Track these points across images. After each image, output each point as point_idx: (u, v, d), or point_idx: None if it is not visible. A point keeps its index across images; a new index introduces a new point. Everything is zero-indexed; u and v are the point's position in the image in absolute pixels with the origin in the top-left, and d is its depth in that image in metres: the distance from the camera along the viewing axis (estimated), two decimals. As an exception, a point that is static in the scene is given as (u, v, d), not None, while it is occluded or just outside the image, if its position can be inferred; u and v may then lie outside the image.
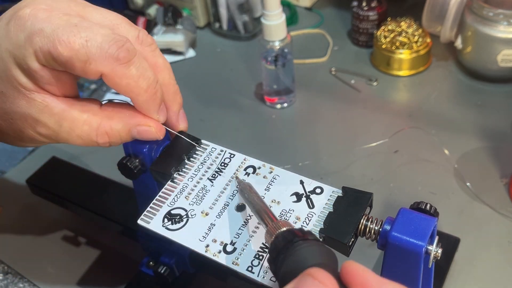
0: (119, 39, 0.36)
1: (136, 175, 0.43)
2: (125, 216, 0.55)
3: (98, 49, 0.35)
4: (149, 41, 0.39)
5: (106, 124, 0.39)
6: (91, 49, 0.35)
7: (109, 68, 0.35)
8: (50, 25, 0.35)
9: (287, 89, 0.73)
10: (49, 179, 0.62)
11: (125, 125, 0.39)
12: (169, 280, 0.50)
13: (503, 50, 0.69)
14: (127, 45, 0.36)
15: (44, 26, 0.35)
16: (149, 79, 0.37)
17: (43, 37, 0.35)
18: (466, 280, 0.53)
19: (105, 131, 0.39)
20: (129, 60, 0.36)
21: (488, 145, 0.65)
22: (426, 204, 0.37)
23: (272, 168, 0.41)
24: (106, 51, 0.35)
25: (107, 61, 0.35)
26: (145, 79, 0.37)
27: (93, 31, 0.35)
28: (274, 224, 0.32)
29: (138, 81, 0.37)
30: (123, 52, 0.35)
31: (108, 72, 0.35)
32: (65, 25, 0.35)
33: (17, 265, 0.59)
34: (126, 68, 0.36)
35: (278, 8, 0.66)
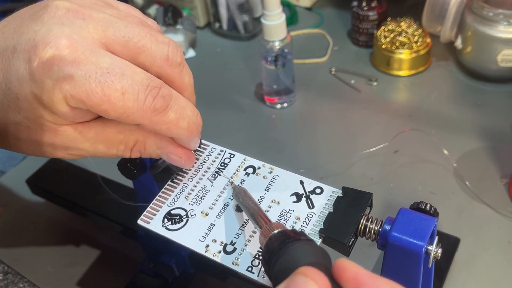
0: (154, 85, 0.33)
1: (136, 175, 0.43)
2: (125, 216, 0.55)
3: (135, 102, 0.32)
4: (178, 60, 0.36)
5: (141, 144, 0.38)
6: (127, 103, 0.32)
7: (147, 120, 0.34)
8: (80, 71, 0.32)
9: (287, 89, 0.74)
10: (49, 179, 0.62)
11: (157, 149, 0.38)
12: (169, 280, 0.50)
13: (503, 50, 0.69)
14: (163, 91, 0.34)
15: (73, 71, 0.32)
16: (189, 118, 0.36)
17: (75, 85, 0.32)
18: (466, 280, 0.53)
19: (138, 150, 0.38)
20: (167, 107, 0.34)
21: (488, 145, 0.65)
22: (426, 204, 0.37)
23: (272, 168, 0.41)
24: (143, 104, 0.33)
25: (145, 113, 0.33)
26: (185, 119, 0.35)
27: (127, 79, 0.32)
28: (268, 226, 0.32)
29: (178, 123, 0.35)
30: (159, 102, 0.33)
31: (146, 123, 0.34)
32: (97, 72, 0.32)
33: (17, 265, 0.59)
34: (164, 116, 0.34)
35: (278, 8, 0.66)
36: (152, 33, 0.35)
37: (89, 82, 0.32)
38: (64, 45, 0.32)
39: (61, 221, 0.64)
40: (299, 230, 0.31)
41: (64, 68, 0.32)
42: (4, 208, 0.66)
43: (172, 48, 0.36)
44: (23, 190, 0.64)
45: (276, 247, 0.30)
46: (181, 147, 0.39)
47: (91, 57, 0.32)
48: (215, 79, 0.82)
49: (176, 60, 0.36)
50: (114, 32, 0.34)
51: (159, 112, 0.34)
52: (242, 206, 0.37)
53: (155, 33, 0.35)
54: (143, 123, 0.34)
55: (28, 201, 0.65)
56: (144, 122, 0.34)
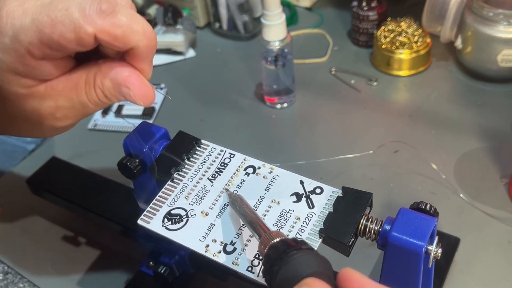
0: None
1: (136, 175, 0.43)
2: (125, 216, 0.55)
3: (80, 11, 0.34)
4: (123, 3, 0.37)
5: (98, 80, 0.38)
6: (73, 15, 0.34)
7: (98, 25, 0.34)
8: (27, 17, 0.34)
9: (287, 89, 0.74)
10: (49, 179, 0.62)
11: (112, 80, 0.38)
12: (169, 280, 0.50)
13: (503, 50, 0.69)
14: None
15: (23, 21, 0.34)
16: (142, 23, 0.36)
17: (27, 31, 0.34)
18: (466, 280, 0.53)
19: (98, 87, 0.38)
20: (114, 9, 0.35)
21: (488, 145, 0.65)
22: (426, 204, 0.37)
23: (272, 168, 0.41)
24: (88, 10, 0.34)
25: (92, 18, 0.34)
26: (138, 23, 0.36)
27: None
28: (267, 235, 0.32)
29: (132, 26, 0.35)
30: (104, 4, 0.34)
31: (99, 29, 0.34)
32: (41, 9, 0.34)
33: (17, 265, 0.59)
34: (114, 18, 0.35)
35: (278, 8, 0.66)
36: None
37: (37, 19, 0.34)
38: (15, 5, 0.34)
39: (61, 221, 0.64)
40: (299, 239, 0.31)
41: (16, 22, 0.34)
42: (4, 208, 0.66)
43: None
44: (23, 190, 0.64)
45: (277, 256, 0.29)
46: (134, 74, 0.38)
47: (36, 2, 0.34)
48: (215, 79, 0.82)
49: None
50: None
51: (107, 15, 0.34)
52: (239, 214, 0.37)
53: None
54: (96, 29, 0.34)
55: (28, 201, 0.65)
56: (95, 28, 0.34)
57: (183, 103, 0.78)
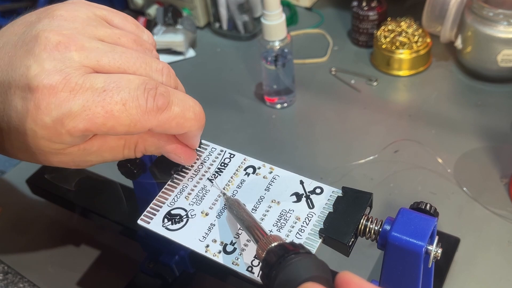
0: (151, 86, 0.33)
1: (136, 175, 0.43)
2: (125, 216, 0.55)
3: (138, 108, 0.32)
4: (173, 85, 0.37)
5: (141, 146, 0.38)
6: (131, 111, 0.32)
7: (155, 121, 0.33)
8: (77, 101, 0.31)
9: (287, 89, 0.74)
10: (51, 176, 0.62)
11: (157, 149, 0.38)
12: (169, 280, 0.50)
13: (503, 50, 0.69)
14: (160, 89, 0.34)
15: (71, 105, 0.31)
16: (193, 108, 0.36)
17: (75, 118, 0.32)
18: (466, 280, 0.53)
19: (140, 151, 0.38)
20: (169, 102, 0.34)
21: (488, 145, 0.65)
22: (426, 204, 0.37)
23: (272, 168, 0.41)
24: (146, 107, 0.33)
25: (150, 115, 0.33)
26: (190, 109, 0.35)
27: (124, 89, 0.32)
28: (265, 239, 0.32)
29: (185, 115, 0.35)
30: (160, 100, 0.33)
31: (154, 125, 0.34)
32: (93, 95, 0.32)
33: (17, 265, 0.59)
34: (170, 111, 0.34)
35: (278, 8, 0.66)
36: (147, 61, 0.35)
37: (89, 107, 0.32)
38: (57, 80, 0.31)
39: (61, 221, 0.64)
40: (297, 243, 0.31)
41: (61, 104, 0.31)
42: (4, 208, 0.66)
43: (166, 76, 0.36)
44: (23, 190, 0.64)
45: (276, 260, 0.29)
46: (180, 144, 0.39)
47: (85, 83, 0.32)
48: (215, 79, 0.82)
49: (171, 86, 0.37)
50: (108, 62, 0.33)
51: (163, 110, 0.33)
52: (236, 219, 0.37)
53: (150, 60, 0.35)
54: (152, 126, 0.33)
55: (28, 201, 0.65)
56: (152, 124, 0.33)
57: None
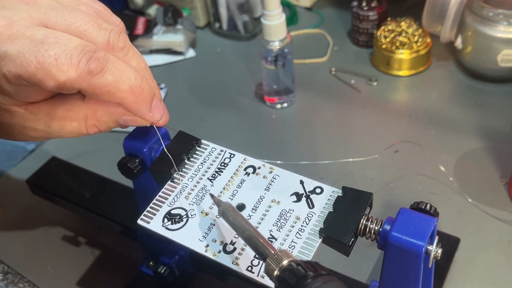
0: (89, 49, 0.33)
1: (136, 175, 0.43)
2: (125, 216, 0.55)
3: (69, 66, 0.33)
4: (120, 45, 0.37)
5: (92, 117, 0.38)
6: (61, 68, 0.33)
7: (84, 83, 0.33)
8: (14, 46, 0.33)
9: (287, 89, 0.74)
10: (49, 179, 0.62)
11: (110, 116, 0.38)
12: (169, 280, 0.50)
13: (503, 50, 0.69)
14: (97, 54, 0.34)
15: (8, 48, 0.33)
16: (130, 80, 0.35)
17: (9, 61, 0.33)
18: (466, 280, 0.53)
19: (92, 123, 0.38)
20: (103, 68, 0.34)
21: (488, 145, 0.65)
22: (426, 204, 0.37)
23: (272, 168, 0.41)
24: (77, 66, 0.33)
25: (80, 76, 0.33)
26: (125, 81, 0.35)
27: (61, 46, 0.33)
28: (276, 256, 0.30)
29: (118, 85, 0.35)
30: (94, 63, 0.33)
31: (84, 87, 0.34)
32: (31, 44, 0.33)
33: (17, 265, 0.59)
34: (101, 77, 0.34)
35: (278, 8, 0.66)
36: (96, 21, 0.36)
37: (23, 54, 0.32)
38: (2, 24, 0.33)
39: (61, 221, 0.64)
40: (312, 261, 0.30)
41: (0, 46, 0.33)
42: (4, 208, 0.66)
43: (114, 33, 0.36)
44: (23, 190, 0.64)
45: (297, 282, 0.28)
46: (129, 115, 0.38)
47: (26, 31, 0.33)
48: (215, 79, 0.82)
49: (117, 45, 0.36)
50: (56, 16, 0.34)
51: (95, 74, 0.33)
52: (232, 226, 0.34)
53: (100, 20, 0.36)
54: (81, 87, 0.34)
55: (28, 201, 0.65)
56: (81, 86, 0.34)
57: (183, 103, 0.78)
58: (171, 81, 0.82)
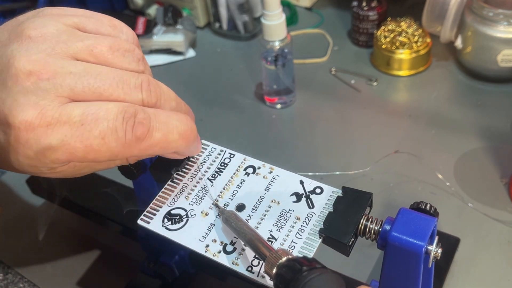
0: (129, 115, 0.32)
1: (136, 175, 0.43)
2: (125, 216, 0.55)
3: (117, 141, 0.31)
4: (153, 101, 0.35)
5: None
6: (110, 145, 0.31)
7: (136, 150, 0.32)
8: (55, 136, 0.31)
9: (287, 89, 0.74)
10: (49, 179, 0.62)
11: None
12: (169, 280, 0.50)
13: (503, 50, 0.69)
14: (139, 117, 0.32)
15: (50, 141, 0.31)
16: (177, 128, 0.34)
17: (56, 151, 0.31)
18: (466, 280, 0.53)
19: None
20: (148, 129, 0.33)
21: (488, 145, 0.65)
22: (426, 204, 0.37)
23: (272, 168, 0.41)
24: (125, 138, 0.32)
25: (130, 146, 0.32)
26: (173, 131, 0.34)
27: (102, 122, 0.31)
28: (274, 254, 0.31)
29: (168, 138, 0.34)
30: (139, 129, 0.32)
31: (136, 154, 0.33)
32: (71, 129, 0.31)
33: (17, 265, 0.59)
34: (150, 139, 0.33)
35: (278, 8, 0.66)
36: (124, 79, 0.34)
37: (68, 143, 0.31)
38: (33, 115, 0.31)
39: (61, 221, 0.64)
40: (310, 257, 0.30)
41: (40, 139, 0.31)
42: (4, 208, 0.66)
43: (146, 92, 0.34)
44: (23, 190, 0.64)
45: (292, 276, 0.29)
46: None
47: (62, 116, 0.31)
48: (215, 79, 0.82)
49: (151, 101, 0.35)
50: (83, 89, 0.32)
51: (143, 139, 0.32)
52: (235, 232, 0.36)
53: (127, 76, 0.34)
54: (134, 155, 0.33)
55: (28, 201, 0.65)
56: (134, 154, 0.33)
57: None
58: (171, 81, 0.82)
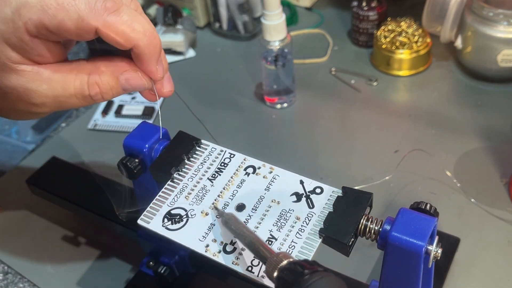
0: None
1: (136, 175, 0.43)
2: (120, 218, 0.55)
3: (87, 4, 0.35)
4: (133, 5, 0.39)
5: (94, 75, 0.39)
6: (80, 6, 0.35)
7: (101, 21, 0.35)
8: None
9: (287, 89, 0.74)
10: (49, 179, 0.62)
11: (112, 73, 0.39)
12: (169, 280, 0.50)
13: (503, 50, 0.69)
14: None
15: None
16: (143, 23, 0.37)
17: (31, 7, 0.35)
18: (466, 280, 0.53)
19: (94, 81, 0.39)
20: (118, 8, 0.36)
21: (488, 145, 0.65)
22: (426, 204, 0.37)
23: (272, 168, 0.41)
24: (94, 4, 0.35)
25: (97, 13, 0.35)
26: (140, 23, 0.37)
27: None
28: (275, 257, 0.31)
29: (133, 25, 0.36)
30: (109, 2, 0.36)
31: (101, 25, 0.36)
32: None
33: (17, 265, 0.59)
34: (117, 16, 0.36)
35: (278, 8, 0.66)
36: None
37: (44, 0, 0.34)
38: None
39: (61, 221, 0.64)
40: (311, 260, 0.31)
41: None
42: (4, 208, 0.66)
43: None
44: (23, 190, 0.64)
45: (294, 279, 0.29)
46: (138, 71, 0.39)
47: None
48: (215, 79, 0.82)
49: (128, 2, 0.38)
50: None
51: (111, 12, 0.36)
52: (235, 234, 0.36)
53: None
54: (98, 25, 0.35)
55: (28, 201, 0.65)
56: (98, 23, 0.35)
57: (183, 103, 0.78)
58: (171, 81, 0.81)
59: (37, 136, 0.74)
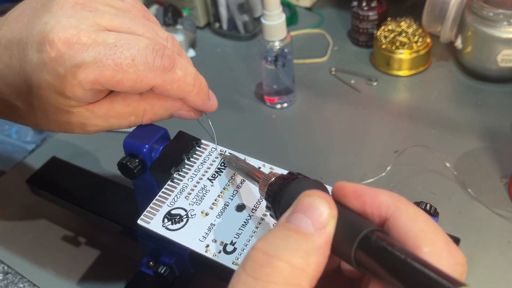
0: (159, 47, 0.36)
1: (136, 175, 0.43)
2: (125, 216, 0.55)
3: (145, 64, 0.35)
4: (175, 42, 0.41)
5: (150, 112, 0.41)
6: (139, 67, 0.35)
7: (159, 80, 0.36)
8: (90, 53, 0.34)
9: (287, 89, 0.74)
10: (49, 179, 0.62)
11: (167, 110, 0.41)
12: (169, 280, 0.50)
13: (503, 50, 0.69)
14: (167, 51, 0.37)
15: (84, 56, 0.34)
16: (192, 74, 0.39)
17: (86, 68, 0.34)
18: (466, 280, 0.52)
19: (149, 118, 0.41)
20: (174, 65, 0.37)
21: (488, 145, 0.65)
22: (426, 204, 0.37)
23: (272, 168, 0.41)
24: (153, 64, 0.36)
25: (156, 73, 0.36)
26: (190, 75, 0.39)
27: (133, 46, 0.35)
28: (265, 176, 0.34)
29: (186, 79, 0.38)
30: (167, 61, 0.36)
31: (159, 84, 0.37)
32: (105, 48, 0.35)
33: (17, 265, 0.59)
34: (174, 73, 0.37)
35: (278, 8, 0.66)
36: (154, 29, 0.38)
37: (100, 59, 0.34)
38: (72, 34, 0.34)
39: (61, 221, 0.64)
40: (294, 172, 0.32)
41: (75, 55, 0.34)
42: (4, 208, 0.66)
43: (171, 43, 0.40)
44: (23, 190, 0.64)
45: (277, 189, 0.31)
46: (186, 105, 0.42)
47: (98, 37, 0.35)
48: (215, 79, 0.82)
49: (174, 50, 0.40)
50: (119, 23, 0.36)
51: (169, 70, 0.37)
52: (236, 170, 0.39)
53: (157, 28, 0.39)
54: (156, 84, 0.36)
55: (28, 201, 0.65)
56: (157, 82, 0.36)
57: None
58: (171, 81, 0.82)
59: (37, 136, 0.74)
